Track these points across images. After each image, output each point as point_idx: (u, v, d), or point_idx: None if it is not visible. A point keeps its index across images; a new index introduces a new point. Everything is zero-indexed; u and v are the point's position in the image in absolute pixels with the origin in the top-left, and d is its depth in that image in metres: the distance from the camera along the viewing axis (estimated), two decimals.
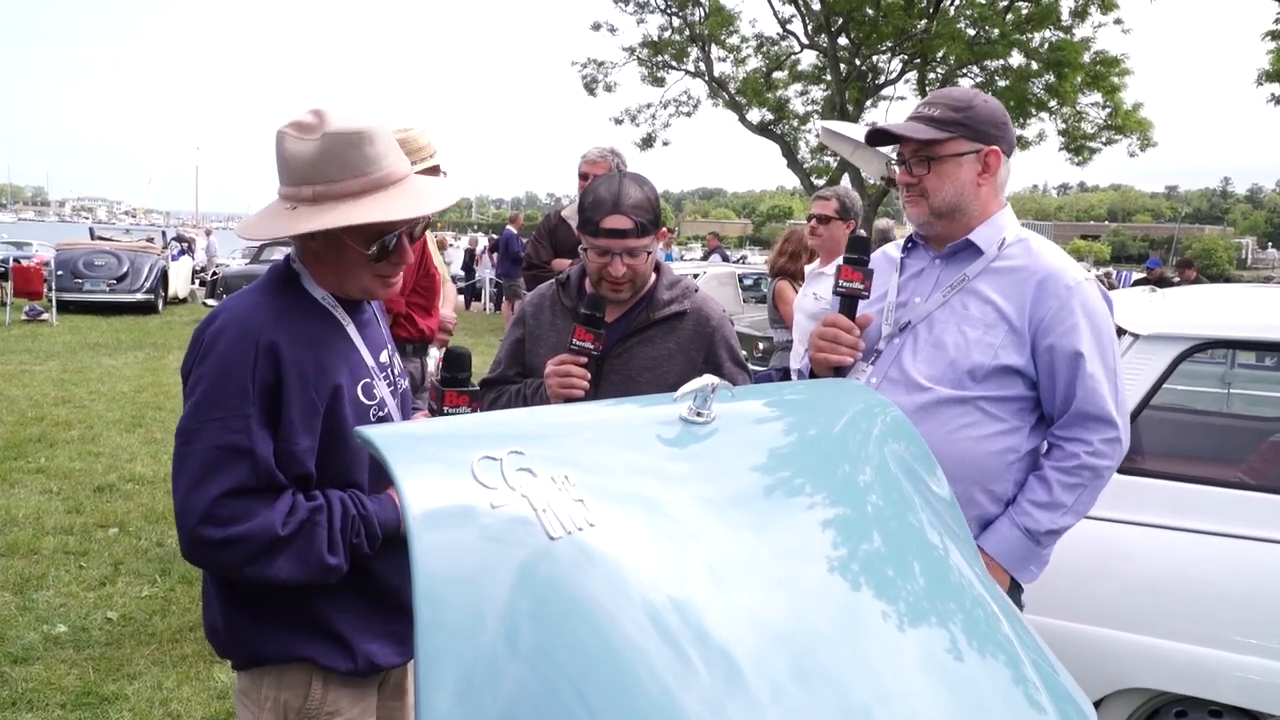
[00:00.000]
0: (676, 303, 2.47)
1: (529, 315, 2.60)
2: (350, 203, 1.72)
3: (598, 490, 1.09)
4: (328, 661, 1.80)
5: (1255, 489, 2.99)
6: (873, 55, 26.08)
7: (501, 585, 0.95)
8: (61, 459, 6.99)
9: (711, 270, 15.73)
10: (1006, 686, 1.31)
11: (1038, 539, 2.12)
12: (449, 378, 1.78)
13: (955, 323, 2.17)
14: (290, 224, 1.73)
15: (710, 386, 1.29)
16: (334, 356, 1.78)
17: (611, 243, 2.33)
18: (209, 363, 1.69)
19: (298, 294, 1.82)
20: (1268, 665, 2.66)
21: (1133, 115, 24.20)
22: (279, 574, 1.65)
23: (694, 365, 2.43)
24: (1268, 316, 3.28)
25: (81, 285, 17.35)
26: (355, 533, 1.73)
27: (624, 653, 0.98)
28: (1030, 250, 2.20)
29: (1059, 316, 2.11)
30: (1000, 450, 2.13)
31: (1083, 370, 2.10)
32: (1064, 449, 2.14)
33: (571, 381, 2.26)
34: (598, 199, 2.34)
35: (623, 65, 27.66)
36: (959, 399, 2.13)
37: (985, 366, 2.12)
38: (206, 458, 1.64)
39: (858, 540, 1.34)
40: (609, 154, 4.64)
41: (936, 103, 2.21)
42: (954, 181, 2.19)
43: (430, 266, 4.28)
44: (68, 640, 4.14)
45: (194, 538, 1.63)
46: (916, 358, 2.19)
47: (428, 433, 1.16)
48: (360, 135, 1.71)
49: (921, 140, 2.18)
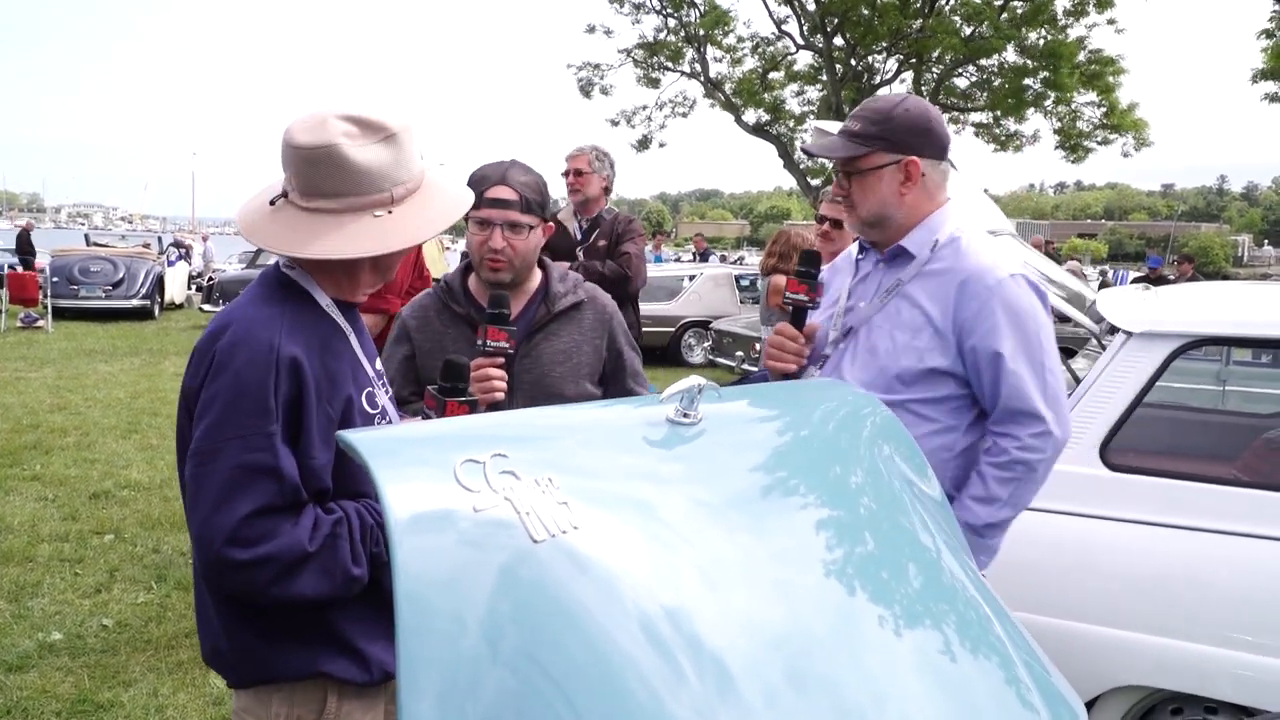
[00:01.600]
0: (572, 294, 2.49)
1: (414, 329, 2.50)
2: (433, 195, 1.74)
3: (583, 492, 1.08)
4: (344, 674, 1.75)
5: (1250, 486, 2.99)
6: (868, 55, 26.14)
7: (483, 589, 0.95)
8: (57, 466, 6.98)
9: (708, 271, 15.73)
10: (999, 688, 1.31)
11: (979, 532, 2.19)
12: (449, 387, 1.75)
13: (888, 328, 2.24)
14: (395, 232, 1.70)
15: (697, 387, 1.28)
16: (342, 366, 1.74)
17: (493, 212, 2.32)
18: (224, 379, 1.62)
19: (303, 301, 1.75)
20: (1263, 662, 2.66)
21: (1128, 115, 24.26)
22: (305, 590, 1.60)
23: (599, 352, 2.49)
24: (1261, 313, 3.28)
25: (77, 292, 17.31)
26: (375, 542, 1.69)
27: (609, 655, 0.97)
28: (959, 251, 2.23)
29: (979, 317, 2.16)
30: (933, 449, 2.16)
31: (1004, 368, 2.14)
32: (997, 444, 2.19)
33: (492, 385, 2.17)
34: (484, 174, 2.35)
35: (618, 67, 27.70)
36: (890, 403, 2.15)
37: (913, 370, 2.19)
38: (229, 478, 1.57)
39: (849, 541, 1.34)
40: (589, 148, 4.68)
41: (860, 115, 2.27)
42: (875, 193, 2.25)
43: (424, 269, 4.29)
44: (63, 648, 4.13)
45: (220, 560, 1.57)
46: (855, 364, 2.26)
47: (410, 436, 1.15)
48: (410, 130, 1.71)
49: (842, 157, 2.25)
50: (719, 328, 12.94)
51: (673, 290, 14.77)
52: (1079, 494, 2.90)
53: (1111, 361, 2.98)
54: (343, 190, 1.67)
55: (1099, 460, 2.91)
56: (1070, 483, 2.84)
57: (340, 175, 1.66)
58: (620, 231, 4.69)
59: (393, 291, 3.94)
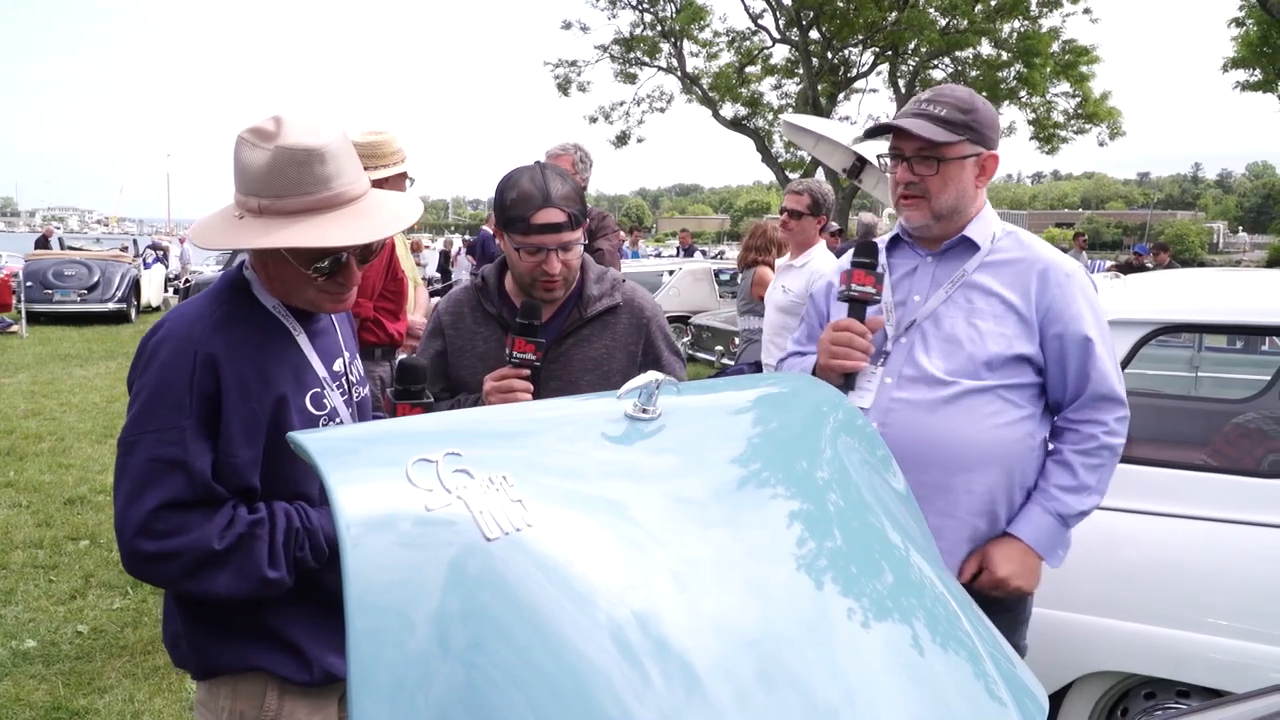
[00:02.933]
0: (608, 297, 2.36)
1: (448, 325, 2.42)
2: (292, 221, 1.67)
3: (538, 489, 1.07)
4: (282, 671, 1.77)
5: (1220, 471, 3.01)
6: (845, 48, 26.18)
7: (435, 588, 0.94)
8: (31, 472, 6.91)
9: (687, 266, 15.74)
10: (968, 681, 1.30)
11: (1067, 522, 2.19)
12: (402, 390, 1.74)
13: (963, 317, 2.20)
14: (234, 236, 1.70)
15: (655, 382, 1.27)
16: (279, 366, 1.74)
17: (546, 239, 2.17)
18: (150, 373, 1.67)
19: (247, 302, 1.78)
20: (1235, 645, 2.68)
21: (1102, 104, 24.43)
22: (217, 588, 1.62)
23: (634, 360, 2.35)
24: (1228, 300, 3.31)
25: (52, 296, 17.15)
26: (299, 546, 1.69)
27: (563, 647, 0.96)
28: (1021, 243, 2.25)
29: (1065, 304, 2.16)
30: (1023, 435, 2.18)
31: (1094, 354, 2.16)
32: (1080, 431, 2.19)
33: (515, 397, 2.11)
34: (523, 193, 2.17)
35: (595, 62, 27.66)
36: (982, 389, 2.16)
37: (1001, 356, 2.16)
38: (143, 470, 1.61)
39: (815, 536, 1.32)
40: (571, 148, 4.63)
41: (941, 101, 2.18)
42: (957, 184, 2.20)
43: (398, 270, 4.25)
44: (37, 655, 4.09)
45: (131, 551, 1.61)
46: (931, 354, 2.20)
47: (361, 436, 1.14)
48: (310, 153, 1.66)
49: (931, 141, 2.15)
50: (698, 322, 12.97)
51: (652, 286, 14.77)
52: None
53: None
54: (235, 183, 1.72)
55: None
56: None
57: (235, 168, 1.71)
58: (595, 227, 4.68)
59: (363, 295, 3.91)
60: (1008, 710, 1.29)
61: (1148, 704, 2.86)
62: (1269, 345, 6.42)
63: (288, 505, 1.72)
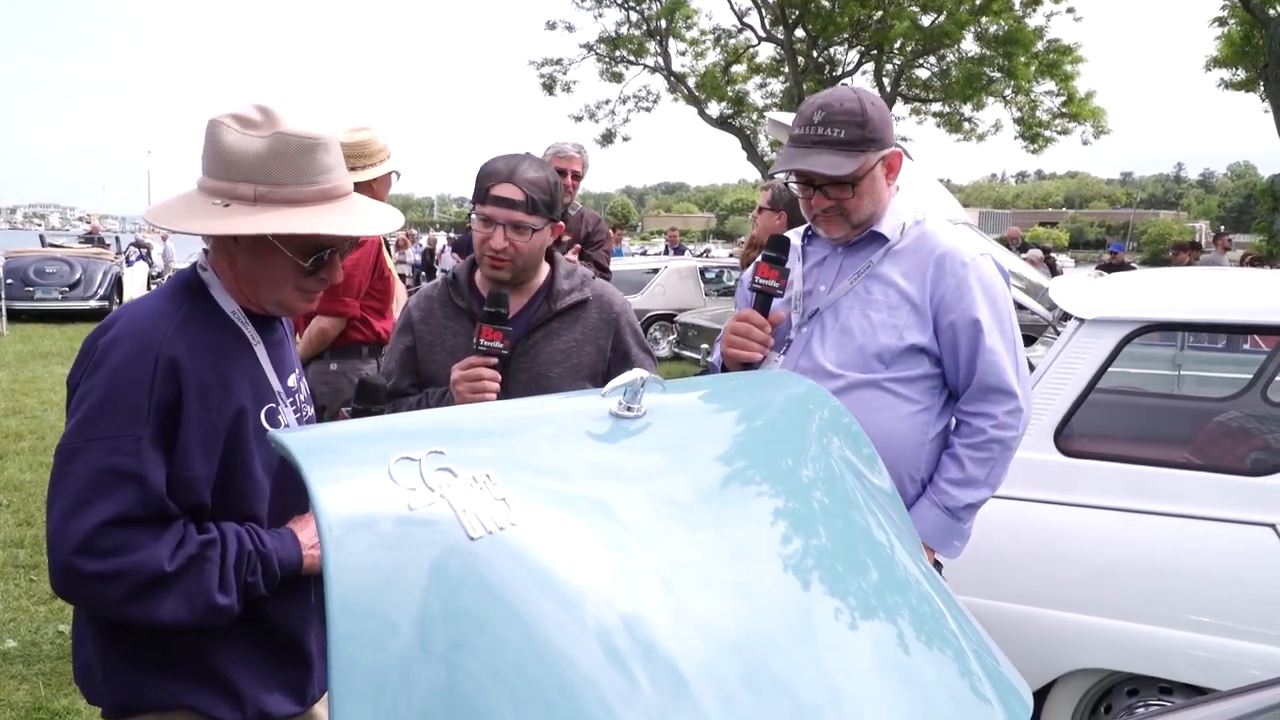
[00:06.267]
0: (577, 291, 2.40)
1: (417, 320, 2.43)
2: (296, 210, 1.60)
3: (522, 488, 1.06)
4: (213, 711, 1.63)
5: (1202, 469, 3.03)
6: (830, 47, 26.22)
7: (418, 588, 0.93)
8: (12, 471, 6.85)
9: (673, 264, 15.75)
10: (954, 681, 1.30)
11: (957, 515, 2.19)
12: (361, 410, 1.69)
13: (860, 308, 2.21)
14: (226, 222, 1.58)
15: (640, 380, 1.27)
16: (239, 377, 1.64)
17: (497, 211, 2.22)
18: (100, 375, 1.53)
19: (205, 305, 1.67)
20: (1216, 642, 2.70)
21: (1086, 103, 24.52)
22: (162, 614, 1.48)
23: (603, 354, 2.39)
24: (1211, 299, 3.32)
25: (33, 294, 17.01)
26: (251, 570, 1.57)
27: (547, 645, 0.96)
28: (926, 232, 2.26)
29: (958, 292, 2.17)
30: (914, 429, 2.18)
31: (982, 343, 2.16)
32: (970, 424, 2.20)
33: (483, 385, 2.12)
34: (493, 169, 2.26)
35: (580, 61, 27.61)
36: (870, 382, 2.17)
37: (892, 348, 2.17)
38: (89, 481, 1.47)
39: (801, 535, 1.32)
40: (579, 150, 4.63)
41: (835, 122, 2.13)
42: (871, 194, 2.21)
43: (384, 269, 4.24)
44: (17, 655, 4.05)
45: (67, 569, 1.45)
46: (825, 345, 2.23)
47: (342, 434, 1.12)
48: (316, 142, 1.62)
49: (849, 175, 2.14)
50: (684, 320, 12.99)
51: (638, 284, 14.77)
52: (1033, 480, 2.92)
53: (1064, 348, 3.01)
54: (211, 171, 1.64)
55: (1053, 446, 2.94)
56: (1025, 469, 2.86)
57: (212, 154, 1.63)
58: (590, 232, 4.69)
59: (350, 294, 3.89)
60: (993, 708, 1.29)
61: (1131, 701, 2.88)
62: (1250, 344, 6.46)
63: (239, 527, 1.61)
